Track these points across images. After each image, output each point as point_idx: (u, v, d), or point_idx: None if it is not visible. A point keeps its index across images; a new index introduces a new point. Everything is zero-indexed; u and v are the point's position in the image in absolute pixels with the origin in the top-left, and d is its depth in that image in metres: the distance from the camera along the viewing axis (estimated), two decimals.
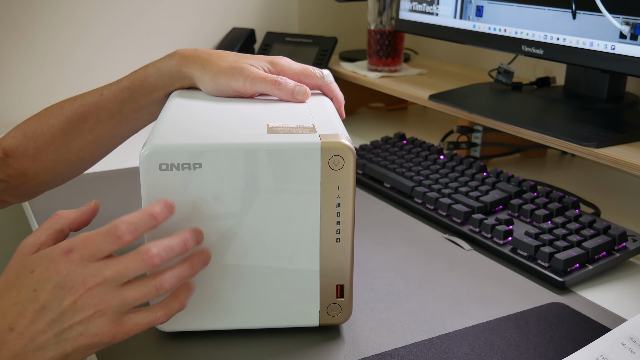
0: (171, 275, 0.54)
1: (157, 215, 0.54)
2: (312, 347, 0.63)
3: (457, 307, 0.70)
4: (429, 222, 0.91)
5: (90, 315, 0.52)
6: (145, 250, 0.52)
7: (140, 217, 0.53)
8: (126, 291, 0.53)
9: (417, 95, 1.18)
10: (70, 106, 0.75)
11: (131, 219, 0.53)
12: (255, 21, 1.50)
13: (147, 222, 0.54)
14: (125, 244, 0.52)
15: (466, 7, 1.12)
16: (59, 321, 0.51)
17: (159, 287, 0.53)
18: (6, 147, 0.76)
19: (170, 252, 0.54)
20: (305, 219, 0.60)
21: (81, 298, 0.51)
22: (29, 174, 0.76)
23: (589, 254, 0.76)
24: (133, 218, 0.53)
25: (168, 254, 0.54)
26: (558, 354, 0.61)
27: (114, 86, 0.74)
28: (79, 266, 0.51)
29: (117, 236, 0.52)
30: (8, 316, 0.50)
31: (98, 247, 0.52)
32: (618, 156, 0.85)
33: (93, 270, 0.51)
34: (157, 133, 0.60)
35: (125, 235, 0.52)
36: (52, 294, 0.51)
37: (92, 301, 0.51)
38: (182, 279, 0.55)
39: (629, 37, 0.87)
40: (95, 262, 0.52)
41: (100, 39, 1.35)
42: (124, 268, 0.52)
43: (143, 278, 0.54)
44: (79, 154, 0.76)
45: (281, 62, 0.72)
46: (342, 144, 0.58)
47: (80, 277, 0.51)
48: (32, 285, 0.51)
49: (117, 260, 0.52)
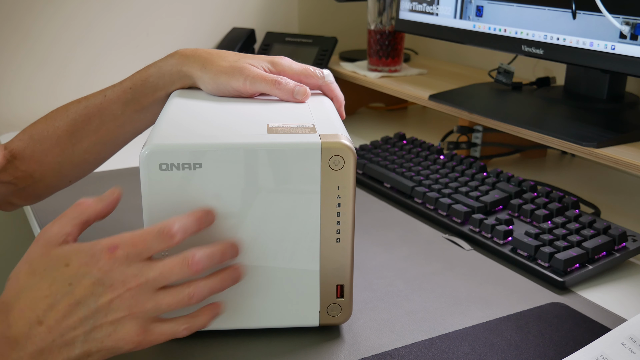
0: (204, 286, 0.54)
1: (202, 222, 0.55)
2: (312, 347, 0.63)
3: (457, 307, 0.70)
4: (429, 222, 0.91)
5: (123, 317, 0.51)
6: (191, 256, 0.52)
7: (189, 220, 0.54)
8: (160, 296, 0.52)
9: (417, 95, 1.18)
10: (75, 108, 0.76)
11: (182, 220, 0.53)
12: (255, 21, 1.50)
13: (194, 225, 0.54)
14: (174, 244, 0.52)
15: (466, 7, 1.12)
16: (92, 318, 0.50)
17: (192, 296, 0.53)
18: (14, 150, 0.77)
19: (211, 261, 0.54)
20: (306, 219, 0.60)
21: (119, 297, 0.50)
22: (35, 176, 0.77)
23: (589, 254, 0.76)
24: (183, 220, 0.54)
25: (210, 262, 0.54)
26: (558, 354, 0.61)
27: (117, 87, 0.75)
28: (122, 264, 0.51)
29: (170, 235, 0.52)
30: (37, 309, 0.49)
31: (147, 245, 0.51)
32: (618, 156, 0.85)
33: (136, 270, 0.51)
34: (157, 133, 0.60)
35: (177, 235, 0.52)
36: (89, 289, 0.50)
37: (128, 302, 0.51)
38: (212, 292, 0.55)
39: (629, 37, 0.87)
40: (139, 262, 0.51)
41: (102, 39, 1.35)
42: (168, 271, 0.52)
43: (177, 286, 0.53)
44: (84, 156, 0.77)
45: (281, 62, 0.72)
46: (342, 144, 0.58)
47: (122, 275, 0.50)
48: (68, 279, 0.50)
49: (162, 263, 0.52)
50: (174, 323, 0.55)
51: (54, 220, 0.54)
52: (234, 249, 0.57)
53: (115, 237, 0.52)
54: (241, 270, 0.58)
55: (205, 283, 0.55)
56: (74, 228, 0.54)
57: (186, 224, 0.53)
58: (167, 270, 0.52)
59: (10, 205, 0.81)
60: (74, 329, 0.49)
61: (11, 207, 0.82)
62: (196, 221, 0.55)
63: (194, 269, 0.52)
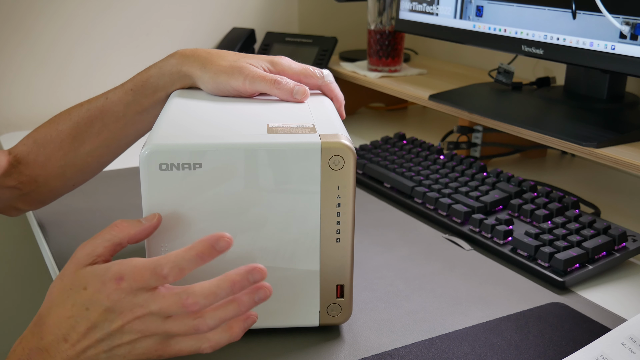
0: (211, 318, 0.53)
1: (204, 256, 0.53)
2: (312, 347, 0.63)
3: (457, 307, 0.70)
4: (429, 222, 0.91)
5: (137, 338, 0.53)
6: (186, 297, 0.52)
7: (186, 258, 0.52)
8: (169, 324, 0.53)
9: (417, 95, 1.18)
10: (77, 111, 0.76)
11: (177, 259, 0.52)
12: (255, 21, 1.50)
13: (192, 262, 0.53)
14: (170, 282, 0.53)
15: (466, 7, 1.12)
16: (109, 340, 0.53)
17: (197, 329, 0.53)
18: (18, 155, 0.77)
19: (214, 299, 0.52)
20: (305, 219, 0.60)
21: (129, 324, 0.53)
22: (39, 180, 0.77)
23: (589, 254, 0.76)
24: (179, 258, 0.52)
25: (209, 301, 0.52)
26: (558, 354, 0.61)
27: (118, 89, 0.75)
28: (129, 294, 0.52)
29: (162, 276, 0.52)
30: (62, 327, 0.53)
31: (145, 281, 0.52)
32: (618, 156, 0.85)
33: (141, 300, 0.52)
34: (157, 133, 0.60)
35: (169, 277, 0.52)
36: (102, 316, 0.53)
37: (139, 327, 0.53)
38: (224, 320, 0.54)
39: (629, 37, 0.87)
40: (144, 292, 0.53)
41: (102, 40, 1.35)
42: (167, 307, 0.52)
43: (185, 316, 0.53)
44: (87, 159, 0.77)
45: (281, 62, 0.72)
46: (342, 144, 0.58)
47: (129, 305, 0.52)
48: (85, 303, 0.53)
49: (163, 298, 0.52)
50: (196, 340, 0.54)
51: (90, 239, 0.56)
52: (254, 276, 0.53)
53: (122, 264, 0.53)
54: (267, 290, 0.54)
55: (212, 317, 0.53)
56: (105, 250, 0.56)
57: (181, 264, 0.52)
58: (166, 307, 0.52)
59: (15, 210, 0.82)
60: (94, 348, 0.53)
61: (16, 212, 0.82)
62: (196, 257, 0.52)
63: (189, 310, 0.52)
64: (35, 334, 0.54)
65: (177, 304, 0.52)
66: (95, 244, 0.55)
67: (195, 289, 0.52)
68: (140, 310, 0.52)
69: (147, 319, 0.53)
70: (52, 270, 0.80)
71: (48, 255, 0.83)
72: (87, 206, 0.95)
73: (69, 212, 0.93)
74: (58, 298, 0.54)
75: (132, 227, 0.57)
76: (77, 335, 0.53)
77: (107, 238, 0.56)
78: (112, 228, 0.56)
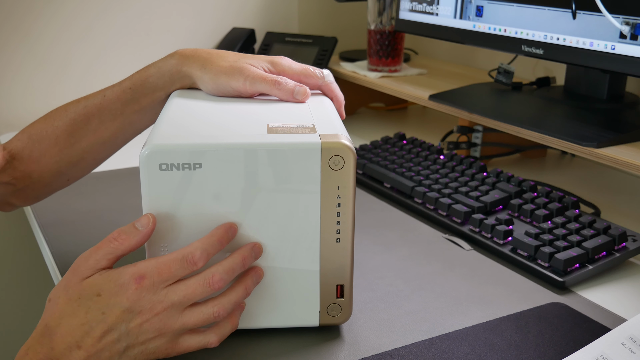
0: (228, 302, 0.58)
1: (223, 241, 0.58)
2: (312, 347, 0.63)
3: (457, 307, 0.70)
4: (429, 222, 0.91)
5: (152, 338, 0.55)
6: (210, 275, 0.56)
7: (211, 243, 0.57)
8: (187, 316, 0.56)
9: (417, 95, 1.18)
10: (74, 108, 0.76)
11: (203, 245, 0.57)
12: (255, 21, 1.50)
13: (216, 247, 0.57)
14: (198, 269, 0.56)
15: (466, 7, 1.12)
16: (124, 340, 0.54)
17: (217, 315, 0.57)
18: (12, 150, 0.77)
19: (232, 274, 0.58)
20: (305, 219, 0.60)
21: (147, 322, 0.54)
22: (34, 176, 0.77)
23: (589, 254, 0.76)
24: (205, 244, 0.57)
25: (230, 276, 0.57)
26: (558, 354, 0.61)
27: (116, 87, 0.74)
28: (149, 292, 0.54)
29: (193, 262, 0.55)
30: (75, 334, 0.54)
31: (172, 273, 0.55)
32: (618, 156, 0.85)
33: (161, 296, 0.55)
34: (157, 133, 0.60)
35: (200, 262, 0.56)
36: (120, 317, 0.54)
37: (157, 325, 0.55)
38: (237, 303, 0.59)
39: (629, 37, 0.87)
40: (164, 287, 0.55)
41: (102, 39, 1.35)
42: (192, 293, 0.55)
43: (203, 304, 0.57)
44: (83, 156, 0.76)
45: (281, 62, 0.72)
46: (342, 144, 0.58)
47: (149, 303, 0.54)
48: (101, 308, 0.54)
49: (185, 285, 0.55)
50: (203, 336, 0.58)
51: (90, 249, 0.57)
52: (254, 251, 0.59)
53: (141, 264, 0.55)
54: (261, 272, 0.61)
55: (228, 298, 0.58)
56: (108, 262, 0.57)
57: (208, 248, 0.57)
58: (190, 292, 0.55)
59: (9, 205, 0.81)
60: (108, 350, 0.54)
61: (10, 208, 0.82)
62: (218, 242, 0.57)
63: (216, 288, 0.56)
64: (44, 344, 0.54)
65: (202, 284, 0.55)
66: (98, 258, 0.56)
67: (215, 267, 0.57)
68: (160, 305, 0.54)
69: (165, 315, 0.55)
70: (52, 270, 0.80)
71: (48, 256, 0.83)
72: (87, 206, 0.95)
73: (69, 212, 0.93)
74: (67, 308, 0.54)
75: (133, 238, 0.57)
76: (92, 340, 0.53)
77: (109, 251, 0.57)
78: (111, 241, 0.57)
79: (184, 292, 0.55)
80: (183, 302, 0.55)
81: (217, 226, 0.58)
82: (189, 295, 0.55)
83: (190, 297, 0.55)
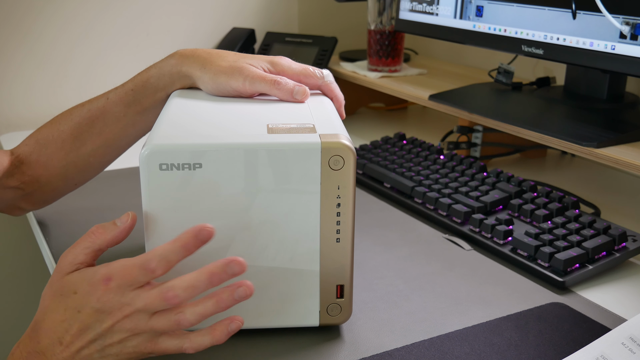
0: (190, 313, 0.54)
1: (189, 247, 0.54)
2: (312, 347, 0.63)
3: (457, 307, 0.70)
4: (429, 222, 0.91)
5: (127, 337, 0.55)
6: (167, 289, 0.53)
7: (172, 249, 0.54)
8: (154, 321, 0.55)
9: (417, 95, 1.18)
10: (78, 112, 0.77)
11: (163, 252, 0.54)
12: (255, 21, 1.50)
13: (178, 254, 0.54)
14: (159, 276, 0.54)
15: (466, 7, 1.12)
16: (101, 340, 0.54)
17: (178, 323, 0.54)
18: (20, 155, 0.78)
19: (193, 292, 0.53)
20: (305, 219, 0.60)
21: (118, 323, 0.54)
22: (42, 180, 0.78)
23: (589, 254, 0.76)
24: (165, 251, 0.54)
25: (190, 293, 0.53)
26: (558, 354, 0.61)
27: (119, 90, 0.75)
28: (117, 294, 0.54)
29: (150, 270, 0.54)
30: (57, 331, 0.54)
31: (134, 278, 0.54)
32: (618, 156, 0.85)
33: (128, 299, 0.54)
34: (157, 133, 0.60)
35: (157, 270, 0.54)
36: (93, 317, 0.54)
37: (128, 326, 0.54)
38: (204, 316, 0.55)
39: (629, 37, 0.87)
40: (132, 291, 0.54)
41: (102, 39, 1.35)
42: (151, 302, 0.54)
43: (168, 311, 0.55)
44: (89, 159, 0.77)
45: (281, 62, 0.72)
46: (342, 144, 0.58)
47: (118, 304, 0.54)
48: (76, 306, 0.54)
49: (146, 294, 0.54)
50: (179, 340, 0.56)
51: (70, 246, 0.57)
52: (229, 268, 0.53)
53: (112, 265, 0.55)
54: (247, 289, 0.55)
55: (192, 312, 0.54)
56: (86, 257, 0.57)
57: (168, 256, 0.53)
58: (150, 302, 0.54)
59: (18, 210, 0.82)
60: (87, 348, 0.54)
61: (20, 212, 0.83)
62: (181, 247, 0.53)
63: (172, 302, 0.53)
64: (32, 338, 0.55)
65: (158, 298, 0.53)
66: (76, 253, 0.57)
67: (175, 282, 0.54)
68: (128, 308, 0.54)
69: (134, 317, 0.54)
70: (52, 270, 0.80)
71: (48, 255, 0.83)
72: (87, 206, 0.95)
73: (69, 212, 0.93)
74: (51, 304, 0.55)
75: (109, 232, 0.57)
76: (71, 337, 0.54)
77: (86, 245, 0.57)
78: (89, 235, 0.57)
79: (145, 300, 0.54)
80: (145, 310, 0.54)
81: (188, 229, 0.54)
82: (149, 304, 0.54)
83: (151, 307, 0.54)
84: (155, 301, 0.54)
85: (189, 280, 0.54)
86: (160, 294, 0.54)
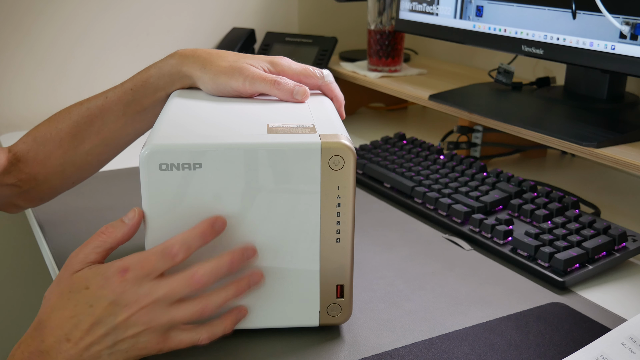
0: (216, 299, 0.57)
1: (206, 235, 0.57)
2: (312, 347, 0.63)
3: (457, 307, 0.70)
4: (429, 222, 0.91)
5: (141, 332, 0.55)
6: (192, 273, 0.56)
7: (192, 236, 0.56)
8: (174, 311, 0.55)
9: (417, 95, 1.18)
10: (77, 110, 0.77)
11: (185, 238, 0.56)
12: (255, 21, 1.50)
13: (197, 241, 0.57)
14: (179, 262, 0.56)
15: (466, 7, 1.12)
16: (113, 334, 0.54)
17: (203, 310, 0.56)
18: (17, 152, 0.78)
19: (217, 275, 0.57)
20: (305, 219, 0.60)
21: (134, 315, 0.54)
22: (39, 178, 0.78)
23: (589, 254, 0.76)
24: (186, 237, 0.56)
25: (214, 276, 0.57)
26: (558, 354, 0.61)
27: (118, 89, 0.75)
28: (134, 285, 0.54)
29: (172, 255, 0.55)
30: (64, 327, 0.54)
31: (153, 266, 0.55)
32: (618, 156, 0.85)
33: (146, 289, 0.54)
34: (157, 133, 0.60)
35: (179, 255, 0.55)
36: (107, 310, 0.54)
37: (144, 319, 0.54)
38: (225, 302, 0.58)
39: (629, 37, 0.87)
40: (149, 281, 0.55)
41: (102, 39, 1.35)
42: (174, 289, 0.55)
43: (190, 300, 0.56)
44: (87, 157, 0.77)
45: (281, 62, 0.72)
46: (342, 144, 0.58)
47: (135, 295, 0.54)
48: (88, 301, 0.54)
49: (167, 281, 0.55)
50: (194, 332, 0.58)
51: (80, 246, 0.58)
52: (246, 254, 0.58)
53: (126, 258, 0.56)
54: (259, 276, 0.60)
55: (217, 296, 0.57)
56: (97, 256, 0.57)
57: (189, 241, 0.56)
58: (173, 288, 0.55)
59: (14, 207, 0.82)
60: (97, 344, 0.54)
61: (16, 210, 0.83)
62: (200, 236, 0.57)
63: (198, 286, 0.55)
64: (35, 337, 0.54)
65: (185, 281, 0.55)
66: (87, 252, 0.57)
67: (199, 267, 0.56)
68: (145, 299, 0.54)
69: (152, 308, 0.54)
70: (52, 270, 0.80)
71: (48, 255, 0.83)
72: (87, 206, 0.95)
73: (69, 212, 0.93)
74: (58, 302, 0.55)
75: (119, 231, 0.58)
76: (80, 333, 0.53)
77: (97, 244, 0.57)
78: (99, 235, 0.58)
79: (167, 287, 0.55)
80: (167, 298, 0.55)
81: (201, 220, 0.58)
82: (172, 291, 0.55)
83: (173, 293, 0.55)
84: (181, 286, 0.55)
85: (213, 264, 0.56)
86: (187, 277, 0.55)
